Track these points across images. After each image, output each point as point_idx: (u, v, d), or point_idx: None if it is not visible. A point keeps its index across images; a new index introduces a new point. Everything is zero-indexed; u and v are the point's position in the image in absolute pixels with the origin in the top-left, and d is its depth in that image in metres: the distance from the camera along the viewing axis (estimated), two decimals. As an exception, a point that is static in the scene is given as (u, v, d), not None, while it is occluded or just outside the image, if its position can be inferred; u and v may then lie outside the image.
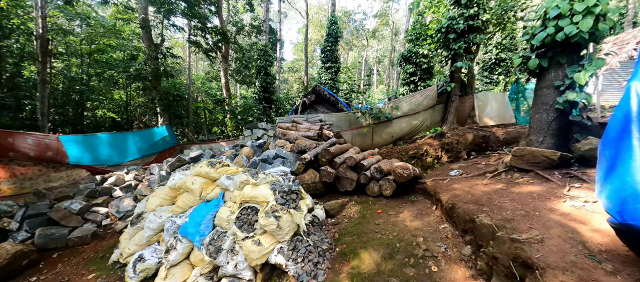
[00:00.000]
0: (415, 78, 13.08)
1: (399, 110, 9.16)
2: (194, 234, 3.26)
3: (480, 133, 7.89)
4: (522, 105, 9.06)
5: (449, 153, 8.03)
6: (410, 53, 13.19)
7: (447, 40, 8.23)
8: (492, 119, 8.64)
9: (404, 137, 9.50)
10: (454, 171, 4.68)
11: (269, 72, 13.72)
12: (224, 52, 17.96)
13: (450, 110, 8.67)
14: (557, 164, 3.45)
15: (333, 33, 18.27)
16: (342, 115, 9.77)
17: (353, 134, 9.65)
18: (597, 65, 3.65)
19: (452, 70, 8.46)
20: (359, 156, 4.75)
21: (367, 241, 3.13)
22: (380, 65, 45.32)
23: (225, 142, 9.98)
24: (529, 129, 4.41)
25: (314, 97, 12.32)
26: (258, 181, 3.42)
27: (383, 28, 38.03)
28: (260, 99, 13.70)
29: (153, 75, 8.61)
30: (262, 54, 13.67)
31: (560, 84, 3.90)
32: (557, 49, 3.90)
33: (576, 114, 3.89)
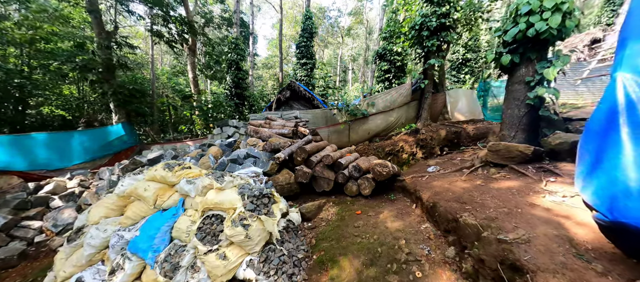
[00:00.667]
0: (390, 75, 13.23)
1: (374, 107, 9.11)
2: (146, 250, 2.77)
3: (453, 129, 8.10)
4: (489, 101, 9.50)
5: (424, 149, 8.15)
6: (385, 50, 13.29)
7: (420, 37, 8.31)
8: (463, 115, 8.94)
9: (380, 134, 9.50)
10: (431, 167, 4.63)
11: (240, 66, 12.98)
12: (190, 44, 16.75)
13: (424, 106, 8.80)
14: (530, 158, 3.48)
15: (308, 29, 17.90)
16: (318, 112, 9.50)
17: (330, 131, 9.44)
18: (563, 61, 3.76)
19: (425, 68, 8.58)
20: (336, 154, 4.51)
21: (347, 246, 2.89)
22: (355, 63, 45.86)
23: (192, 142, 9.21)
24: (501, 124, 4.48)
25: (289, 93, 11.89)
26: (224, 185, 3.01)
27: (357, 26, 38.42)
28: (232, 95, 12.92)
29: (104, 67, 7.58)
30: (233, 47, 12.88)
31: (531, 79, 3.98)
32: (528, 45, 3.97)
33: (544, 109, 4.00)
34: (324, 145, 5.29)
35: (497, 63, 4.44)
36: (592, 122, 1.95)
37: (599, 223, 1.76)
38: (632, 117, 1.60)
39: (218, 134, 7.45)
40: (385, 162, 4.03)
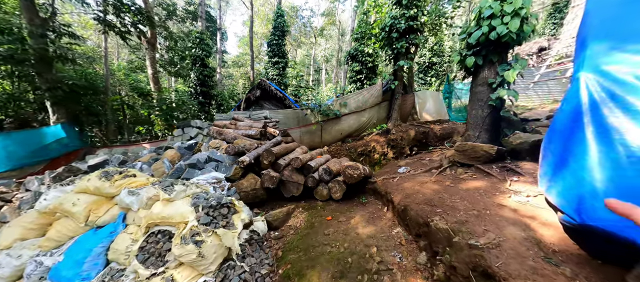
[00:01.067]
0: (362, 76, 13.35)
1: (347, 107, 9.05)
2: (71, 278, 2.28)
3: (421, 129, 8.33)
4: (453, 103, 9.97)
5: (394, 149, 8.27)
6: (357, 51, 13.39)
7: (390, 39, 8.43)
8: (430, 115, 9.26)
9: (353, 134, 9.47)
10: (402, 167, 4.61)
11: (206, 63, 12.15)
12: (150, 38, 15.39)
13: (394, 107, 8.95)
14: (494, 158, 3.57)
15: (280, 26, 17.45)
16: (290, 113, 9.20)
17: (302, 132, 9.19)
18: (521, 64, 3.93)
19: (395, 69, 8.72)
20: (306, 156, 4.27)
21: (316, 257, 2.66)
22: (328, 64, 46.15)
23: (149, 144, 8.35)
24: (466, 124, 4.60)
25: (259, 92, 11.40)
26: (173, 195, 2.61)
27: (330, 27, 38.68)
28: (196, 94, 12.02)
29: (37, 59, 6.48)
30: (198, 42, 12.01)
31: (493, 81, 4.11)
32: (490, 48, 4.10)
33: (505, 110, 4.16)
34: (294, 146, 5.02)
35: (462, 65, 4.54)
36: (556, 122, 1.95)
37: (565, 225, 1.75)
38: (596, 117, 1.59)
39: (179, 135, 6.80)
40: (357, 165, 3.88)
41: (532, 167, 3.16)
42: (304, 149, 5.07)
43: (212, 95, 12.60)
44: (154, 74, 15.37)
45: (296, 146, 5.18)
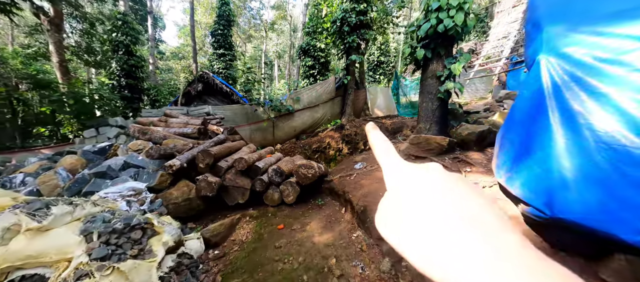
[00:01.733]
0: (314, 71, 13.09)
1: (300, 102, 8.63)
2: None
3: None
4: (401, 99, 10.44)
5: (349, 144, 8.22)
6: (309, 46, 13.06)
7: (342, 32, 8.29)
8: (381, 110, 9.50)
9: (307, 131, 9.12)
10: (358, 163, 4.41)
11: (133, 51, 10.24)
12: (52, 17, 12.41)
13: (347, 102, 8.89)
14: (446, 149, 3.59)
15: (225, 15, 16.00)
16: (238, 108, 8.36)
17: (252, 129, 8.44)
18: (466, 58, 4.07)
19: (347, 64, 8.65)
20: (253, 156, 3.71)
21: (265, 279, 2.18)
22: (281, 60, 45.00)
23: (50, 149, 6.57)
24: (418, 117, 4.64)
25: (201, 86, 10.14)
26: (49, 222, 1.81)
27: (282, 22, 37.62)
28: (120, 87, 10.04)
29: None
30: (120, 24, 10.01)
31: (441, 74, 4.18)
32: (438, 41, 4.15)
33: (452, 103, 4.28)
34: (239, 146, 4.39)
35: (412, 58, 4.54)
36: (515, 110, 1.87)
37: (530, 218, 1.65)
38: (560, 102, 1.49)
39: (92, 137, 5.42)
40: (311, 163, 3.50)
41: (480, 157, 3.23)
42: (251, 148, 4.47)
43: (142, 89, 10.71)
44: (60, 62, 12.47)
45: (242, 145, 4.55)
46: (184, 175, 3.42)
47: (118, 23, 10.05)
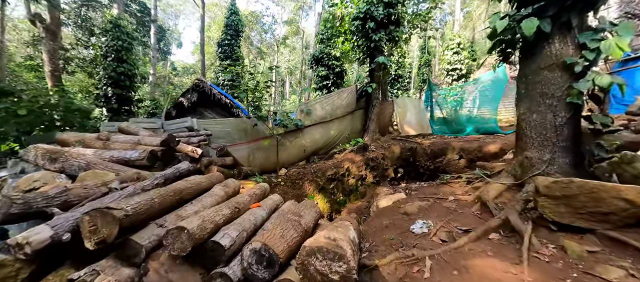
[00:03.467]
0: (328, 82, 11.46)
1: (311, 116, 6.86)
2: None
3: (407, 145, 6.50)
4: (435, 112, 8.49)
5: (375, 171, 6.27)
6: (323, 54, 11.53)
7: (366, 30, 6.61)
8: (412, 127, 7.56)
9: (320, 151, 7.26)
10: (418, 223, 2.41)
11: (123, 57, 8.98)
12: (48, 23, 11.58)
13: (371, 117, 7.04)
14: None
15: (233, 25, 14.96)
16: (233, 122, 6.67)
17: (251, 148, 6.68)
18: (627, 30, 2.15)
19: (371, 69, 6.89)
20: (217, 215, 1.84)
21: None
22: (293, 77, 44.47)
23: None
24: (518, 138, 2.70)
25: (196, 96, 8.62)
26: None
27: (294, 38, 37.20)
28: (106, 97, 8.69)
29: None
30: (111, 27, 8.85)
31: (574, 61, 2.26)
32: (565, 3, 2.27)
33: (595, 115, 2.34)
34: (207, 184, 2.55)
35: (506, 38, 2.67)
36: None
37: None
38: None
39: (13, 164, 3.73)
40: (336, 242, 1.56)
41: None
42: (227, 188, 2.61)
43: (132, 100, 9.34)
44: (52, 71, 11.48)
45: (216, 181, 2.72)
46: (61, 259, 1.58)
47: (110, 26, 8.88)
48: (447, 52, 13.54)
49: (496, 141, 5.57)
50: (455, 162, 5.99)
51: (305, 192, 6.10)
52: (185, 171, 2.78)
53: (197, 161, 4.13)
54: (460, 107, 7.42)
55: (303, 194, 6.08)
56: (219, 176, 2.84)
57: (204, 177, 2.67)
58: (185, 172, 2.78)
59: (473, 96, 6.90)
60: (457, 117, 7.38)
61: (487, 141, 5.71)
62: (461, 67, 13.20)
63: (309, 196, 6.04)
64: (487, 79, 6.34)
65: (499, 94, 6.01)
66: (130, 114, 9.33)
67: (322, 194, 6.05)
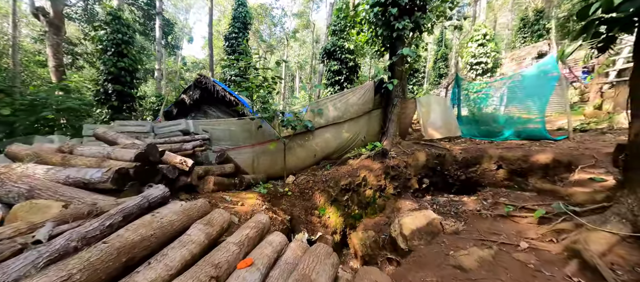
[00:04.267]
0: (341, 78, 10.60)
1: (322, 116, 6.09)
2: None
3: (433, 151, 5.63)
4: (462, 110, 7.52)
5: (396, 181, 5.46)
6: (335, 47, 10.65)
7: (386, 17, 5.72)
8: (437, 130, 6.65)
9: (332, 156, 6.50)
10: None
11: (124, 51, 8.47)
12: (51, 17, 11.26)
13: (391, 117, 6.18)
14: None
15: (240, 17, 14.27)
16: (236, 123, 6.00)
17: (256, 152, 6.01)
18: None
19: (392, 62, 6.01)
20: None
21: None
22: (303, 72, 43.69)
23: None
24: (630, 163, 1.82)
25: (198, 94, 8.03)
26: None
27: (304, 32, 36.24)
28: (106, 94, 8.23)
29: None
30: (111, 20, 8.33)
31: None
32: None
33: None
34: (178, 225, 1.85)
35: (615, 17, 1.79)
36: None
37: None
38: None
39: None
40: None
41: None
42: (208, 229, 1.86)
43: (134, 97, 8.85)
44: (57, 66, 11.20)
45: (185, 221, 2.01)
46: None
47: (109, 18, 8.36)
48: (471, 44, 12.35)
49: (546, 150, 4.63)
50: (491, 174, 5.09)
51: (315, 203, 5.37)
52: (157, 200, 2.10)
53: (188, 173, 3.47)
54: (496, 105, 6.45)
55: (313, 206, 5.36)
56: (202, 207, 2.13)
57: (181, 210, 1.97)
58: (157, 201, 2.10)
59: (513, 93, 5.90)
60: (492, 117, 6.40)
61: (534, 150, 4.76)
62: (487, 60, 12.00)
63: (319, 209, 5.32)
64: (533, 73, 5.34)
65: (549, 92, 5.02)
66: (132, 111, 8.86)
67: (335, 206, 5.31)
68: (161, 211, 1.98)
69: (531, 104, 5.53)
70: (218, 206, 3.57)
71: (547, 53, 12.18)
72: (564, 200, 2.45)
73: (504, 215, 2.67)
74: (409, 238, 4.02)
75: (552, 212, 2.34)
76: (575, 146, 4.50)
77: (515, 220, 2.55)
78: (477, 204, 4.76)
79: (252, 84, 5.12)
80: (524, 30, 21.29)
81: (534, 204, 2.62)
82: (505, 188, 4.97)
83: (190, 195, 3.53)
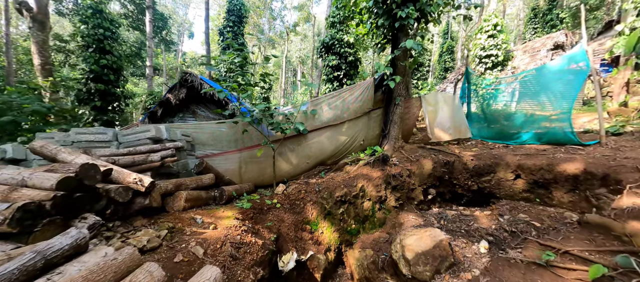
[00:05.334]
0: (340, 73, 9.91)
1: (317, 118, 5.47)
2: None
3: (441, 157, 4.97)
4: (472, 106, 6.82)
5: (398, 192, 4.83)
6: (333, 40, 9.94)
7: (388, 5, 5.02)
8: (446, 131, 5.98)
9: (326, 161, 5.89)
10: None
11: (108, 48, 7.90)
12: (35, 12, 10.73)
13: (393, 118, 5.52)
14: None
15: (235, 10, 13.59)
16: (219, 128, 5.40)
17: (242, 158, 5.43)
18: None
19: (394, 57, 5.33)
20: None
21: None
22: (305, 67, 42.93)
23: None
24: None
25: (184, 92, 7.44)
26: None
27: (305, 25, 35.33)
28: (89, 94, 7.70)
29: None
30: (91, 14, 7.74)
31: None
32: None
33: None
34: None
35: None
36: None
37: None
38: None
39: None
40: None
41: None
42: None
43: (118, 97, 8.30)
44: (43, 64, 10.71)
45: None
46: None
47: (89, 13, 7.76)
48: (481, 35, 11.50)
49: (574, 158, 3.94)
50: (508, 184, 4.43)
51: (307, 217, 4.78)
52: (63, 252, 1.51)
53: (146, 195, 2.89)
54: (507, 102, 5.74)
55: (304, 220, 4.76)
56: (126, 262, 1.54)
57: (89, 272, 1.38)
58: (64, 254, 1.51)
59: (532, 88, 5.18)
60: (507, 116, 5.70)
61: (560, 157, 4.08)
62: (497, 53, 11.17)
63: (311, 223, 4.73)
64: (558, 66, 4.62)
65: (576, 88, 4.31)
66: (116, 112, 8.33)
67: (329, 221, 4.71)
68: (65, 270, 1.40)
69: (554, 101, 4.82)
70: (184, 231, 3.00)
71: (563, 44, 11.29)
72: (622, 243, 1.80)
73: (541, 264, 2.01)
74: (412, 263, 3.42)
75: (613, 268, 1.68)
76: (610, 154, 3.81)
77: (559, 273, 1.89)
78: (492, 220, 4.13)
79: (233, 85, 4.50)
80: (534, 21, 20.20)
81: (582, 250, 1.96)
82: (525, 201, 4.32)
83: (149, 220, 2.96)
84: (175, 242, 2.72)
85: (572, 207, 3.76)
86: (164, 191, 3.46)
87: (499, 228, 3.82)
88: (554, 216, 3.71)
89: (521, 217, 3.89)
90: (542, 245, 2.17)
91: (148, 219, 2.95)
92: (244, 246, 3.12)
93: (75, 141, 3.52)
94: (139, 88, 22.91)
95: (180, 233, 2.93)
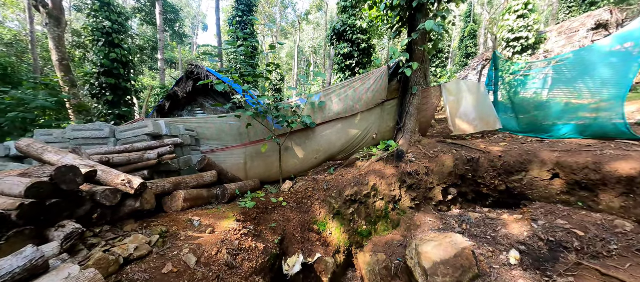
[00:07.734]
0: (352, 62, 9.37)
1: (325, 110, 5.09)
2: None
3: (464, 153, 4.45)
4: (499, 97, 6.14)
5: (414, 191, 4.40)
6: (345, 26, 9.36)
7: (404, -18, 4.45)
8: (470, 123, 5.40)
9: (336, 157, 5.53)
10: None
11: (117, 42, 7.88)
12: (51, 8, 10.93)
13: (410, 110, 5.02)
14: None
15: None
16: (224, 122, 5.16)
17: (248, 154, 5.20)
18: None
19: (411, 41, 4.78)
20: None
21: None
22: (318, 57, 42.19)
23: None
24: None
25: (191, 85, 7.28)
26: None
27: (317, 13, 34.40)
28: (101, 88, 7.75)
29: None
30: (100, 7, 7.69)
31: None
32: None
33: None
34: None
35: None
36: None
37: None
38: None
39: None
40: None
41: None
42: None
43: (129, 91, 8.33)
44: (61, 59, 10.99)
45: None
46: None
47: (97, 5, 7.72)
48: (509, 16, 10.40)
49: (629, 156, 3.32)
50: (543, 184, 3.87)
51: (315, 217, 4.48)
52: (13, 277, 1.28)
53: (137, 197, 2.68)
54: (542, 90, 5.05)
55: (311, 220, 4.47)
56: None
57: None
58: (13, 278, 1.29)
59: (571, 74, 4.49)
60: (538, 105, 5.03)
61: (609, 155, 3.47)
62: (528, 35, 10.08)
63: (319, 223, 4.43)
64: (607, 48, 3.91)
65: (631, 72, 3.62)
66: (128, 106, 8.38)
67: (338, 221, 4.39)
68: None
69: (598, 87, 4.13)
70: (178, 236, 2.78)
71: (608, 23, 9.95)
72: None
73: None
74: (430, 273, 3.05)
75: None
76: (676, 151, 3.16)
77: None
78: (523, 225, 3.63)
79: (234, 76, 4.20)
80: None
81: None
82: (563, 205, 3.76)
83: (141, 223, 2.77)
84: (167, 249, 2.51)
85: (624, 213, 3.19)
86: (161, 190, 3.27)
87: (533, 236, 3.34)
88: (601, 224, 3.17)
89: (559, 224, 3.37)
90: (605, 276, 1.71)
91: (140, 223, 2.76)
92: (242, 252, 2.86)
93: (72, 139, 3.39)
94: (156, 82, 23.39)
95: (174, 238, 2.72)
